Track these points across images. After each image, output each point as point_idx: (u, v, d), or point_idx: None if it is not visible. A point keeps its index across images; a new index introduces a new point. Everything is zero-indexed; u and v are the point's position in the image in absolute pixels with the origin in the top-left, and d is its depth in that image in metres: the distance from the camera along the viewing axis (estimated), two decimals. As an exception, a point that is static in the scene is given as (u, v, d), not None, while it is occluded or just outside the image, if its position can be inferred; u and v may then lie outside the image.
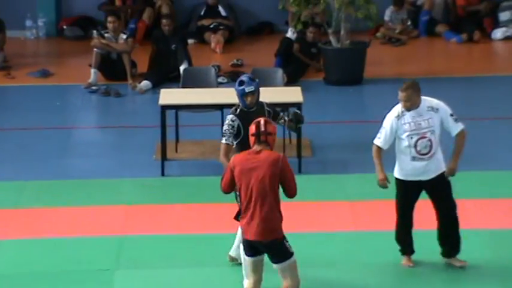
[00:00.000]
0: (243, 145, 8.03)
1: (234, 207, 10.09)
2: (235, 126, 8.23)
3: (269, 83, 12.50)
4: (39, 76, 15.07)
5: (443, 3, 17.22)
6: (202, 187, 10.81)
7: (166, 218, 9.93)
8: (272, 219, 7.25)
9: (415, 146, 8.24)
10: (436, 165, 8.31)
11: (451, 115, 8.33)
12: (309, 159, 11.40)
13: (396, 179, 8.45)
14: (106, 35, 14.76)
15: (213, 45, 16.44)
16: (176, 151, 11.70)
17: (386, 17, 16.76)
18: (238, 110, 8.31)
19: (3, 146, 12.40)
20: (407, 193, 8.43)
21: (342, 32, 14.41)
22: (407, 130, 8.24)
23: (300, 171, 10.98)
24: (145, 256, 9.09)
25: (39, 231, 9.64)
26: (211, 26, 16.76)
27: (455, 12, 17.10)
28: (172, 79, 14.21)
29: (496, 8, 16.94)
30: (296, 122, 8.50)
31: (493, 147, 11.88)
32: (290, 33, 15.53)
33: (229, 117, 8.29)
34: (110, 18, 14.98)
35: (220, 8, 16.96)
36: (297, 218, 9.38)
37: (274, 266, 7.38)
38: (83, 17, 17.25)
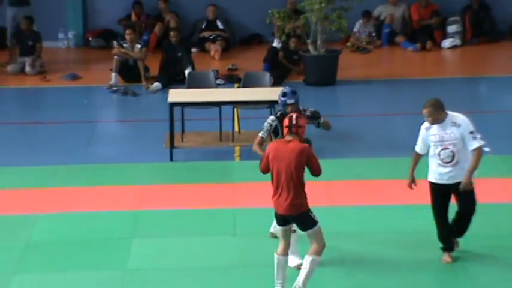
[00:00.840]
0: None
1: (230, 187, 10.08)
2: (273, 125, 8.30)
3: (258, 84, 12.48)
4: (69, 79, 15.00)
5: (401, 18, 17.19)
6: (204, 170, 10.77)
7: (174, 196, 9.89)
8: (298, 197, 7.25)
9: (439, 154, 7.86)
10: (460, 173, 7.85)
11: (471, 133, 7.80)
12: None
13: (429, 182, 8.06)
14: (124, 45, 14.70)
15: (212, 53, 16.38)
16: (182, 140, 11.66)
17: (355, 29, 16.72)
18: (278, 114, 8.34)
19: (40, 136, 12.35)
20: (437, 195, 8.01)
21: (319, 42, 14.37)
22: (433, 141, 7.89)
23: (284, 157, 10.93)
24: (157, 227, 9.06)
25: (69, 207, 9.61)
26: (211, 37, 16.70)
27: (411, 26, 17.07)
28: (179, 81, 14.14)
29: (445, 22, 16.92)
30: (314, 118, 8.40)
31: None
32: (276, 43, 15.47)
33: (271, 117, 8.37)
34: (127, 31, 14.92)
35: (218, 22, 16.90)
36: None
37: (303, 233, 7.35)
38: (105, 30, 17.17)
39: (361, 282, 7.84)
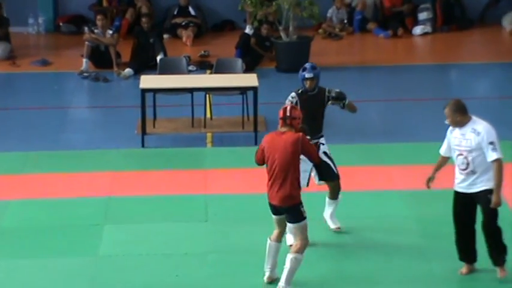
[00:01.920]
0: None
1: (202, 173, 10.10)
2: (293, 102, 8.16)
3: (231, 70, 12.48)
4: (40, 65, 14.89)
5: (373, 4, 17.24)
6: (176, 156, 10.77)
7: (146, 182, 9.88)
8: (290, 190, 7.21)
9: (456, 159, 7.45)
10: (479, 182, 7.36)
11: (491, 143, 7.26)
12: (264, 133, 11.23)
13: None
14: (95, 30, 14.61)
15: (184, 39, 16.33)
16: (154, 127, 11.63)
17: (329, 14, 16.76)
18: (300, 91, 8.25)
19: (10, 122, 12.25)
20: (456, 203, 7.54)
21: (290, 29, 14.39)
22: (453, 144, 7.46)
23: (256, 143, 10.97)
24: (129, 213, 9.05)
25: (40, 193, 9.57)
26: (183, 24, 16.64)
27: (383, 12, 17.13)
28: (151, 67, 14.08)
29: (416, 9, 17.01)
30: (338, 100, 8.21)
31: (412, 124, 11.95)
32: (248, 30, 15.45)
33: (291, 94, 8.25)
34: (98, 17, 14.83)
35: (190, 9, 16.85)
36: (258, 182, 9.41)
37: (289, 225, 7.33)
38: (76, 16, 17.04)
39: (333, 266, 7.90)
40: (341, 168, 8.60)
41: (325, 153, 8.29)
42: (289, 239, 7.87)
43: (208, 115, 11.94)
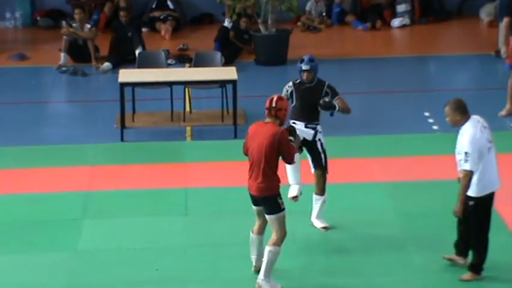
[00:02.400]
0: (295, 109, 8.02)
1: (181, 167, 10.06)
2: (289, 91, 8.20)
3: (210, 64, 12.43)
4: (17, 59, 14.77)
5: (351, -3, 17.27)
6: (155, 150, 10.72)
7: (125, 176, 9.82)
8: (266, 181, 7.16)
9: None
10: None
11: (465, 153, 7.17)
12: (243, 127, 11.34)
13: None
14: (73, 24, 14.52)
15: (163, 32, 16.26)
16: (133, 121, 11.57)
17: (308, 7, 16.75)
18: (297, 81, 8.24)
19: (-13, 118, 12.16)
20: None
21: (269, 22, 14.36)
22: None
23: (235, 137, 10.94)
24: (107, 208, 9.00)
25: (18, 188, 9.49)
26: (161, 17, 16.57)
27: (361, 5, 17.14)
28: (130, 61, 14.00)
29: (394, 1, 17.03)
30: (328, 108, 8.14)
31: (391, 116, 11.96)
32: (227, 23, 15.40)
33: (288, 84, 8.27)
34: (76, 11, 14.74)
35: (169, 2, 16.78)
36: (238, 175, 9.38)
37: (266, 216, 7.29)
38: (54, 10, 16.93)
39: (313, 258, 7.89)
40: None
41: (319, 140, 8.28)
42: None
43: (187, 109, 11.89)
